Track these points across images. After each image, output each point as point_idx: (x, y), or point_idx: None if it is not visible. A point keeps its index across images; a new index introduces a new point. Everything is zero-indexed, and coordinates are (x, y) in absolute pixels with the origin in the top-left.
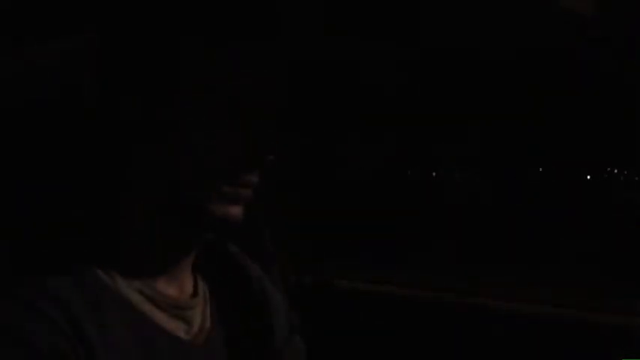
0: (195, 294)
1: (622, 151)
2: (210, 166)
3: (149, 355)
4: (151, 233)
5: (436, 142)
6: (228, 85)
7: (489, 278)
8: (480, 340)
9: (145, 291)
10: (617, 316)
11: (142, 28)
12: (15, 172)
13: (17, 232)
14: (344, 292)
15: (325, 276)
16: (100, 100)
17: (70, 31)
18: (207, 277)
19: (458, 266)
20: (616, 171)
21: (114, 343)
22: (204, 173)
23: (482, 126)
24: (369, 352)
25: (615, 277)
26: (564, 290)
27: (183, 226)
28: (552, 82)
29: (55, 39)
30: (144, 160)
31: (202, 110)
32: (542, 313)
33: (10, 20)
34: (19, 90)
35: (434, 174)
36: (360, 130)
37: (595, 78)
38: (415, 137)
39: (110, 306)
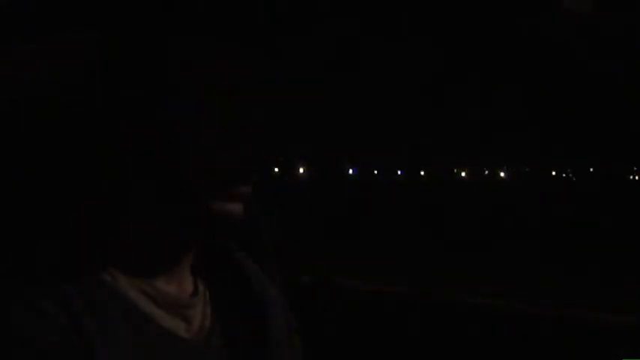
0: (195, 293)
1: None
2: (209, 164)
3: (149, 353)
4: (152, 232)
5: None
6: (228, 84)
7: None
8: (480, 338)
9: (145, 289)
10: (617, 316)
11: (141, 28)
12: (15, 171)
13: (18, 231)
14: (343, 291)
15: (325, 275)
16: (98, 100)
17: (69, 31)
18: (207, 276)
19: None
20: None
21: (114, 341)
22: (203, 171)
23: None
24: (368, 350)
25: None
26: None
27: (183, 225)
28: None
29: (53, 38)
30: (143, 160)
31: (202, 109)
32: (542, 312)
33: (7, 19)
34: (18, 89)
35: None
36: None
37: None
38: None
39: (110, 304)
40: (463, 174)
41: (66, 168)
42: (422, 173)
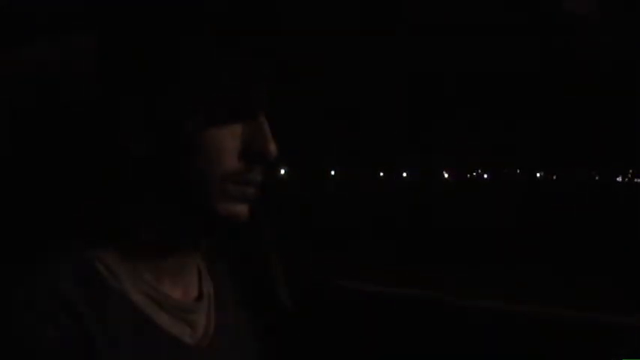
0: (200, 297)
1: (626, 152)
2: (214, 165)
3: (152, 357)
4: (156, 234)
5: None
6: (229, 84)
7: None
8: (479, 340)
9: (149, 293)
10: (617, 316)
11: (141, 27)
12: (16, 171)
13: (19, 231)
14: (344, 291)
15: (325, 275)
16: (101, 101)
17: (71, 31)
18: (212, 278)
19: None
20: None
21: (117, 343)
22: (208, 172)
23: None
24: (370, 350)
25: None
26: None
27: (188, 227)
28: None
29: (55, 38)
30: (147, 161)
31: (204, 108)
32: (542, 312)
33: (10, 19)
34: (20, 89)
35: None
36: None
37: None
38: None
39: (114, 307)
40: (446, 175)
41: (67, 168)
42: (404, 174)
